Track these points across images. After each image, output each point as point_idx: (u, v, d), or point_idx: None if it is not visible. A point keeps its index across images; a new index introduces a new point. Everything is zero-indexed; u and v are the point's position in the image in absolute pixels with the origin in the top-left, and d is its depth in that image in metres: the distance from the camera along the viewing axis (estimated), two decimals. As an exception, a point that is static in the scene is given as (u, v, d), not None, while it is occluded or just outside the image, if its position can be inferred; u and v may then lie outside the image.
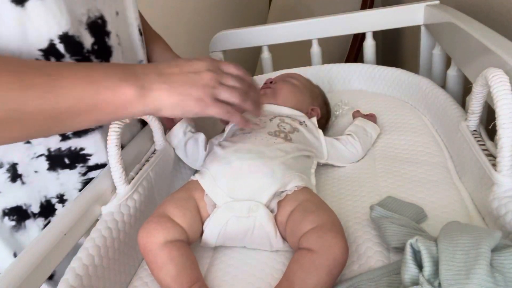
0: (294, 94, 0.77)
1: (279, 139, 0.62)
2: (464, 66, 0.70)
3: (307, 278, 0.44)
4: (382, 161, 0.69)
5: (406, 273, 0.38)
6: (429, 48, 0.95)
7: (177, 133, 0.72)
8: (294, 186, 0.55)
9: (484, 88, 0.52)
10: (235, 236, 0.54)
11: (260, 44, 1.09)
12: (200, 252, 0.56)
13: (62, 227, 0.47)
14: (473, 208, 0.55)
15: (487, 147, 0.54)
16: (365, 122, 0.76)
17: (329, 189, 0.66)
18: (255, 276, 0.51)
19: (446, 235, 0.39)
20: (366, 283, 0.45)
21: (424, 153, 0.68)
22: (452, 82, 0.80)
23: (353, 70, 0.97)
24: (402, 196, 0.58)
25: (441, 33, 0.84)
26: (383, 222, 0.49)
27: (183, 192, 0.57)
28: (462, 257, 0.35)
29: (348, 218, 0.56)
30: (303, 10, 1.49)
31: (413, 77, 0.85)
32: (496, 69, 0.48)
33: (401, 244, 0.46)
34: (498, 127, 0.47)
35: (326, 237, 0.46)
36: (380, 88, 0.93)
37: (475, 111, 0.57)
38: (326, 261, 0.45)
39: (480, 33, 0.63)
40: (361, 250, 0.50)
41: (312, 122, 0.72)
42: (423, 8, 0.93)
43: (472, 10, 0.83)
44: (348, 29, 1.03)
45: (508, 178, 0.47)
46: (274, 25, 1.07)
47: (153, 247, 0.49)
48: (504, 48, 0.54)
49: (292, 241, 0.51)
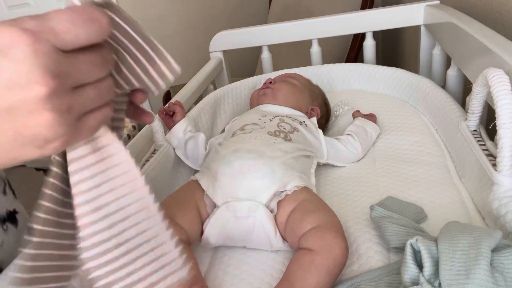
0: (294, 94, 0.77)
1: (279, 139, 0.62)
2: (464, 66, 0.70)
3: (307, 278, 0.44)
4: (382, 161, 0.69)
5: (406, 273, 0.38)
6: (429, 48, 0.95)
7: (177, 133, 0.72)
8: (294, 186, 0.55)
9: (484, 88, 0.52)
10: (235, 236, 0.54)
11: (260, 44, 1.10)
12: (200, 252, 0.56)
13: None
14: (473, 208, 0.55)
15: (487, 147, 0.54)
16: (365, 122, 0.76)
17: (329, 189, 0.66)
18: (255, 276, 0.51)
19: (446, 235, 0.39)
20: (366, 283, 0.45)
21: (424, 153, 0.68)
22: (452, 82, 0.80)
23: (353, 70, 0.97)
24: (402, 196, 0.58)
25: (441, 33, 0.84)
26: (383, 222, 0.49)
27: (183, 192, 0.57)
28: (462, 257, 0.35)
29: (348, 218, 0.56)
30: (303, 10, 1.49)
31: (413, 77, 0.86)
32: (496, 69, 0.48)
33: (401, 244, 0.46)
34: (498, 127, 0.47)
35: (326, 237, 0.46)
36: (380, 88, 0.93)
37: (475, 111, 0.57)
38: (326, 261, 0.45)
39: (480, 33, 0.63)
40: (361, 250, 0.50)
41: (312, 122, 0.72)
42: (423, 8, 0.93)
43: (472, 10, 0.83)
44: (348, 29, 1.03)
45: (508, 178, 0.47)
46: (274, 25, 1.07)
47: (153, 247, 0.49)
48: (504, 48, 0.54)
49: (292, 241, 0.51)
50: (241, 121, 0.70)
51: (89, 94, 0.26)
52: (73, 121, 0.25)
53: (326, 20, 1.02)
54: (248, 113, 0.75)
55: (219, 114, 0.88)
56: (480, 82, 0.51)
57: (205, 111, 0.82)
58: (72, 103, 0.25)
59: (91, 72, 0.26)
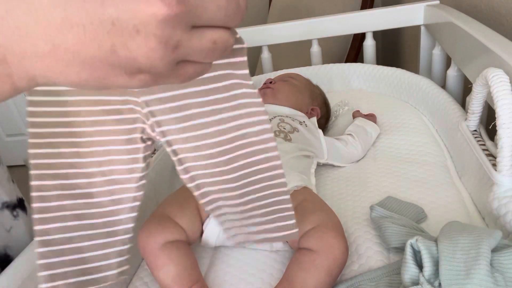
0: (294, 94, 0.77)
1: (279, 139, 0.62)
2: (464, 66, 0.70)
3: (307, 278, 0.44)
4: (382, 161, 0.69)
5: (406, 273, 0.38)
6: (429, 48, 0.95)
7: (177, 133, 0.71)
8: (294, 186, 0.55)
9: (484, 88, 0.52)
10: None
11: (260, 44, 1.09)
12: (200, 252, 0.56)
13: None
14: (473, 208, 0.55)
15: (487, 147, 0.54)
16: (365, 122, 0.76)
17: (329, 189, 0.66)
18: (255, 276, 0.51)
19: (446, 235, 0.39)
20: (366, 283, 0.45)
21: (424, 153, 0.68)
22: (452, 82, 0.80)
23: (353, 70, 0.97)
24: (402, 196, 0.58)
25: (441, 33, 0.84)
26: (383, 222, 0.49)
27: (183, 192, 0.57)
28: (462, 257, 0.35)
29: (348, 218, 0.56)
30: (303, 10, 1.49)
31: (413, 77, 0.85)
32: (496, 69, 0.48)
33: (401, 244, 0.46)
34: (498, 127, 0.47)
35: (326, 237, 0.46)
36: (380, 88, 0.93)
37: (475, 111, 0.57)
38: (326, 261, 0.45)
39: (480, 33, 0.63)
40: (361, 250, 0.50)
41: (312, 122, 0.72)
42: (423, 8, 0.93)
43: (472, 10, 0.83)
44: (348, 29, 1.03)
45: (508, 178, 0.47)
46: (274, 25, 1.07)
47: (153, 248, 0.49)
48: (504, 48, 0.54)
49: (292, 241, 0.51)
50: (241, 121, 0.70)
51: (203, 43, 0.23)
52: (173, 62, 0.22)
53: (326, 20, 1.02)
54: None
55: (219, 114, 0.88)
56: (480, 82, 0.51)
57: (205, 111, 0.82)
58: (183, 42, 0.22)
59: (217, 14, 0.22)
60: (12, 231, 0.50)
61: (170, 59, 0.22)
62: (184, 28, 0.21)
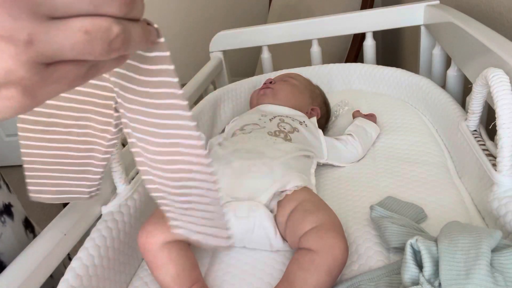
0: (294, 94, 0.77)
1: (279, 139, 0.62)
2: (464, 66, 0.70)
3: (307, 278, 0.44)
4: (382, 161, 0.69)
5: (406, 273, 0.38)
6: (429, 48, 0.95)
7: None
8: (294, 186, 0.55)
9: (484, 88, 0.52)
10: (235, 236, 0.54)
11: (260, 44, 1.09)
12: (200, 252, 0.56)
13: (62, 227, 0.47)
14: (473, 208, 0.55)
15: (487, 147, 0.54)
16: (365, 122, 0.76)
17: (329, 189, 0.66)
18: (255, 276, 0.51)
19: (446, 235, 0.39)
20: (366, 283, 0.45)
21: (424, 153, 0.68)
22: (452, 82, 0.80)
23: (353, 70, 0.97)
24: (402, 196, 0.58)
25: (441, 33, 0.84)
26: (383, 222, 0.49)
27: (183, 192, 0.57)
28: (462, 257, 0.35)
29: (348, 218, 0.56)
30: (303, 10, 1.49)
31: (413, 77, 0.85)
32: (496, 69, 0.48)
33: (401, 244, 0.46)
34: (498, 127, 0.47)
35: (326, 237, 0.46)
36: (380, 88, 0.93)
37: (475, 111, 0.57)
38: (326, 261, 0.45)
39: (480, 33, 0.63)
40: (361, 250, 0.50)
41: (312, 122, 0.72)
42: (423, 8, 0.93)
43: (472, 10, 0.83)
44: (348, 29, 1.03)
45: (508, 178, 0.47)
46: (274, 25, 1.07)
47: (152, 248, 0.49)
48: (504, 48, 0.54)
49: (292, 241, 0.51)
50: (241, 121, 0.70)
51: (69, 35, 0.19)
52: (36, 63, 0.19)
53: (326, 20, 1.02)
54: (248, 113, 0.75)
55: (219, 114, 0.88)
56: (480, 82, 0.51)
57: (205, 111, 0.82)
58: (37, 36, 0.18)
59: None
60: (3, 237, 0.50)
61: (26, 59, 0.18)
62: (33, 18, 0.18)
